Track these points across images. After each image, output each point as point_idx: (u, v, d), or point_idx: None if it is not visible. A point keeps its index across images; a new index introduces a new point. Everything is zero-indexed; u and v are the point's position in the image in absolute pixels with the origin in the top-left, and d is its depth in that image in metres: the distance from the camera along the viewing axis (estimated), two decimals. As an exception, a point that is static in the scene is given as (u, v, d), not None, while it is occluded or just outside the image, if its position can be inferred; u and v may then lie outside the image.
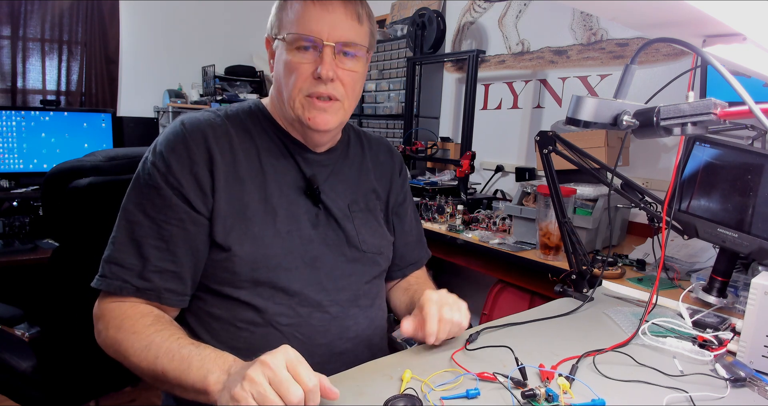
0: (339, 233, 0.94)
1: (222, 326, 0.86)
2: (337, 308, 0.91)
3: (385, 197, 1.06)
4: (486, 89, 2.77)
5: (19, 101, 3.29)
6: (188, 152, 0.82)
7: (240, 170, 0.85)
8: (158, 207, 0.80)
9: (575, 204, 1.71)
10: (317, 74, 0.83)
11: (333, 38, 0.83)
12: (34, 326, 1.49)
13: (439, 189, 2.48)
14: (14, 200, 2.40)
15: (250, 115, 0.92)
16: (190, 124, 0.85)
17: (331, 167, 0.97)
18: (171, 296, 0.82)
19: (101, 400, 1.68)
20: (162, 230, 0.80)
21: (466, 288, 2.86)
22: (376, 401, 0.68)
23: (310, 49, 0.83)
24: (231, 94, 3.72)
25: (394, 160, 1.11)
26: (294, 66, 0.84)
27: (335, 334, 0.90)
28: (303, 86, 0.84)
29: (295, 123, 0.90)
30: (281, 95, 0.88)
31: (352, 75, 0.87)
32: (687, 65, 1.90)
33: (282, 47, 0.86)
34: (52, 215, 1.20)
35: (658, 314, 1.06)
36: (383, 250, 1.01)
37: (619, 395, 0.74)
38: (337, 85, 0.85)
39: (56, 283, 1.25)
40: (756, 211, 1.02)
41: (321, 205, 0.92)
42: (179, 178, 0.80)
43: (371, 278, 0.98)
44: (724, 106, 0.61)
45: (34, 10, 3.27)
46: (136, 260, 0.80)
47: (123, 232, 0.81)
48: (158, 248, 0.80)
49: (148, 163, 0.82)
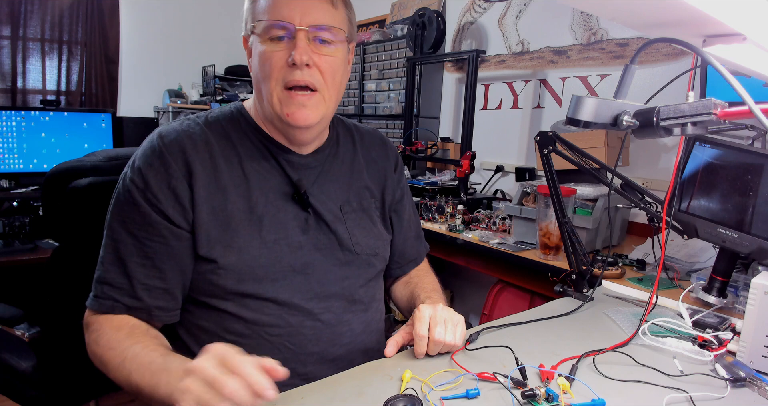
0: (331, 237, 0.91)
1: (211, 338, 0.83)
2: (329, 315, 0.89)
3: (380, 195, 1.02)
4: (486, 89, 2.77)
5: (19, 101, 3.29)
6: (165, 167, 0.79)
7: (222, 179, 0.83)
8: (139, 225, 0.79)
9: (575, 204, 1.71)
10: (291, 61, 0.79)
11: (306, 22, 0.79)
12: (34, 326, 1.49)
13: (439, 189, 2.48)
14: (14, 200, 2.40)
15: (231, 120, 0.89)
16: (167, 137, 0.82)
17: (319, 169, 0.93)
18: (161, 313, 0.81)
19: (101, 400, 1.68)
20: (145, 248, 0.79)
21: (466, 288, 2.86)
22: (376, 401, 0.68)
23: (284, 39, 0.80)
24: (231, 94, 3.72)
25: (389, 154, 1.06)
26: (268, 56, 0.81)
27: (327, 341, 0.88)
28: (279, 76, 0.81)
29: (276, 121, 0.86)
30: (260, 93, 0.85)
31: (330, 61, 0.83)
32: (687, 65, 1.90)
33: (256, 41, 0.83)
34: (52, 215, 1.20)
35: (658, 314, 1.06)
36: (378, 250, 0.98)
37: (619, 395, 0.74)
38: (314, 72, 0.81)
39: (56, 283, 1.25)
40: (756, 211, 1.02)
41: (310, 209, 0.89)
42: (156, 194, 0.78)
43: (366, 281, 0.96)
44: (724, 106, 0.61)
45: (34, 10, 3.27)
46: (123, 279, 0.79)
47: (109, 251, 0.80)
48: (144, 266, 0.79)
49: (127, 180, 0.81)
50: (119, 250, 0.79)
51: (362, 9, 3.59)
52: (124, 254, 0.79)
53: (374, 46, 3.18)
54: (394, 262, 1.08)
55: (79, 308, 0.86)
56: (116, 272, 0.79)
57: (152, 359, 0.70)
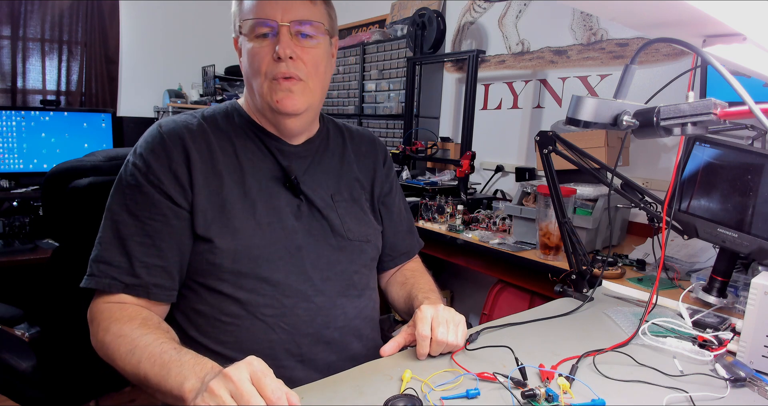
0: (323, 223, 0.95)
1: (207, 321, 0.87)
2: (322, 298, 0.91)
3: (369, 187, 1.07)
4: (486, 89, 2.77)
5: (19, 101, 3.29)
6: (166, 152, 0.85)
7: (218, 166, 0.88)
8: (141, 205, 0.83)
9: (575, 204, 1.71)
10: (276, 55, 0.85)
11: (287, 18, 0.86)
12: (34, 326, 1.49)
13: (439, 189, 2.48)
14: (14, 200, 2.40)
15: (227, 116, 0.95)
16: (167, 127, 0.88)
17: (310, 158, 0.98)
18: (159, 291, 0.83)
19: (101, 400, 1.68)
20: (146, 227, 0.83)
21: (466, 288, 2.86)
22: (376, 401, 0.68)
23: (269, 36, 0.87)
24: (231, 94, 3.72)
25: (377, 150, 1.12)
26: (255, 52, 0.87)
27: (321, 324, 0.91)
28: (266, 70, 0.87)
29: (267, 112, 0.92)
30: (251, 87, 0.91)
31: (313, 52, 0.89)
32: (687, 65, 1.90)
33: (244, 40, 0.89)
34: (52, 215, 1.20)
35: (658, 314, 1.06)
36: (370, 238, 1.02)
37: (619, 395, 0.74)
38: (298, 64, 0.87)
39: (56, 283, 1.25)
40: (756, 211, 1.02)
41: (302, 196, 0.94)
42: (159, 176, 0.83)
43: (360, 267, 0.99)
44: (724, 106, 0.61)
45: (34, 10, 3.27)
46: (123, 258, 0.82)
47: (109, 232, 0.83)
48: (144, 245, 0.82)
49: (130, 165, 0.86)
50: (119, 230, 0.83)
51: (362, 9, 3.59)
52: (125, 234, 0.82)
53: (374, 46, 3.18)
54: (386, 254, 1.11)
55: (79, 308, 0.86)
56: (115, 251, 0.82)
57: (164, 350, 0.71)
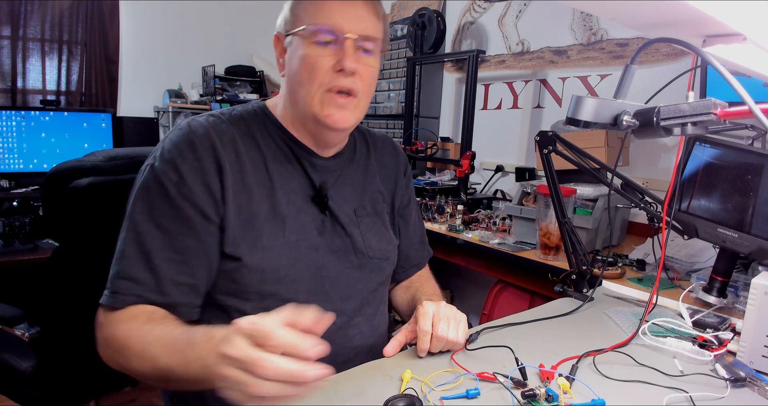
0: (345, 240, 0.92)
1: None
2: (342, 318, 0.89)
3: (390, 200, 1.05)
4: (486, 89, 2.77)
5: (19, 101, 3.29)
6: (199, 161, 0.79)
7: (247, 179, 0.83)
8: (172, 218, 0.77)
9: (575, 204, 1.71)
10: (339, 66, 0.80)
11: (355, 31, 0.81)
12: (34, 326, 1.48)
13: (439, 189, 2.48)
14: (14, 200, 2.40)
15: (255, 120, 0.89)
16: (198, 131, 0.81)
17: (338, 172, 0.95)
18: (186, 310, 0.79)
19: (101, 400, 1.68)
20: (176, 242, 0.77)
21: (466, 288, 2.86)
22: (376, 401, 0.68)
23: (330, 44, 0.81)
24: (231, 94, 3.72)
25: (399, 160, 1.09)
26: (314, 59, 0.81)
27: (339, 344, 0.87)
28: (324, 80, 0.81)
29: (309, 122, 0.86)
30: (296, 93, 0.85)
31: (371, 71, 0.85)
32: (687, 65, 1.90)
33: (298, 42, 0.83)
34: (52, 215, 1.20)
35: (658, 314, 1.06)
36: (389, 255, 1.00)
37: (619, 395, 0.74)
38: (357, 80, 0.83)
39: (56, 283, 1.25)
40: (756, 211, 1.02)
41: (327, 211, 0.90)
42: (192, 188, 0.78)
43: (377, 286, 0.97)
44: (724, 106, 0.61)
45: (34, 10, 3.27)
46: (148, 273, 0.75)
47: (132, 245, 0.76)
48: (173, 261, 0.77)
49: (158, 172, 0.78)
50: (144, 243, 0.76)
51: (362, 9, 3.58)
52: (151, 248, 0.76)
53: (374, 46, 3.17)
54: (399, 266, 1.09)
55: (79, 308, 0.86)
56: (141, 266, 0.75)
57: (175, 336, 0.67)
